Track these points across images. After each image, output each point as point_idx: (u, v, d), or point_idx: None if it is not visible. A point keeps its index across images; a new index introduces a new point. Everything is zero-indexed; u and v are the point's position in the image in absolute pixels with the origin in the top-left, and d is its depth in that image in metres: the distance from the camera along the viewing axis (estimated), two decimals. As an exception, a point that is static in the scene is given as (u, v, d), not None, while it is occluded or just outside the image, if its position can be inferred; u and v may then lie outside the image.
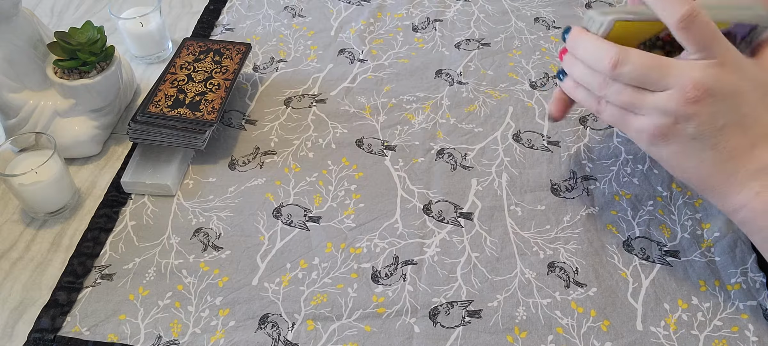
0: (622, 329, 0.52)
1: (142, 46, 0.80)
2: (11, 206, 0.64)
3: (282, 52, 0.81)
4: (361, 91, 0.75)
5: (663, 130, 0.44)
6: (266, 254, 0.59)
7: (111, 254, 0.59)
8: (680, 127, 0.43)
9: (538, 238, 0.59)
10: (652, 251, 0.57)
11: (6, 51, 0.63)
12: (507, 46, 0.80)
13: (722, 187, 0.45)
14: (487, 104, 0.72)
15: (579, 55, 0.47)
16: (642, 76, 0.43)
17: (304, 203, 0.63)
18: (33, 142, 0.62)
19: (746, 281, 0.55)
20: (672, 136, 0.44)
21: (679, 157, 0.45)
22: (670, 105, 0.43)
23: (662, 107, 0.43)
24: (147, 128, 0.64)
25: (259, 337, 0.53)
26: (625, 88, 0.45)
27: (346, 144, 0.68)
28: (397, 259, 0.58)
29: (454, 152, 0.67)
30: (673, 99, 0.43)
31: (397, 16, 0.86)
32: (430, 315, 0.54)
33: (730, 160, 0.44)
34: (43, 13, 0.89)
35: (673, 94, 0.42)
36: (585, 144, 0.67)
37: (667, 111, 0.43)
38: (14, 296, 0.56)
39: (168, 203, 0.63)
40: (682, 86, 0.42)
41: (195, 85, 0.68)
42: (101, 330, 0.53)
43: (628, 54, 0.43)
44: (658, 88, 0.43)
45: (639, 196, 0.62)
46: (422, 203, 0.62)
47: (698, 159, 0.45)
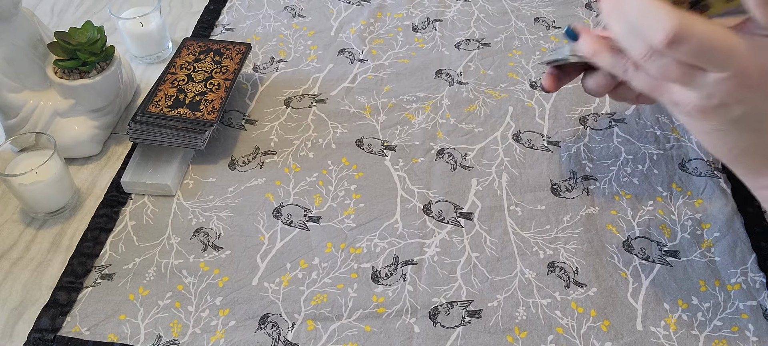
0: (622, 329, 0.52)
1: (142, 46, 0.80)
2: (11, 206, 0.64)
3: (282, 52, 0.81)
4: (361, 91, 0.75)
5: (706, 109, 0.38)
6: (266, 254, 0.59)
7: (111, 254, 0.59)
8: (725, 109, 0.38)
9: (538, 238, 0.59)
10: (652, 251, 0.57)
11: (6, 51, 0.63)
12: (507, 46, 0.80)
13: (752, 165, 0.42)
14: (487, 104, 0.72)
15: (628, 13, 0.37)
16: (702, 55, 0.36)
17: (304, 203, 0.63)
18: (33, 142, 0.62)
19: (746, 281, 0.55)
20: (715, 115, 0.39)
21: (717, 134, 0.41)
22: (722, 87, 0.37)
23: (713, 88, 0.37)
24: (147, 128, 0.64)
25: (259, 337, 0.53)
26: (673, 64, 0.37)
27: (346, 144, 0.68)
28: (397, 259, 0.58)
29: (454, 152, 0.67)
30: (729, 83, 0.36)
31: (397, 16, 0.86)
32: (430, 315, 0.54)
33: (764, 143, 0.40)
34: (43, 13, 0.89)
35: (730, 77, 0.36)
36: (585, 144, 0.67)
37: (717, 93, 0.37)
38: (14, 296, 0.56)
39: (168, 203, 0.63)
40: (744, 71, 0.36)
41: (195, 85, 0.68)
42: (101, 330, 0.53)
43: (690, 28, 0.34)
44: (716, 69, 0.36)
45: (639, 196, 0.62)
46: (422, 203, 0.62)
47: (736, 139, 0.40)
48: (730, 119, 0.39)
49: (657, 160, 0.65)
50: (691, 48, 0.35)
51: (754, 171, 0.43)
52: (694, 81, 0.37)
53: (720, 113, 0.38)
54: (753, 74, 0.36)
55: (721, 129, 0.40)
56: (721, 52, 0.35)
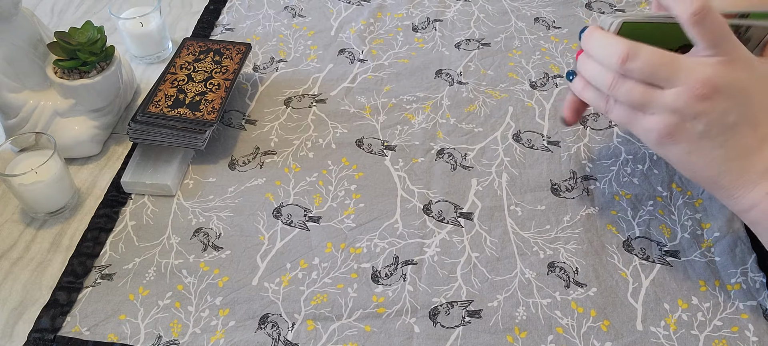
0: (622, 329, 0.52)
1: (142, 46, 0.80)
2: (11, 206, 0.64)
3: (282, 52, 0.81)
4: (361, 91, 0.75)
5: (671, 129, 0.43)
6: (266, 254, 0.59)
7: (111, 254, 0.59)
8: (689, 125, 0.43)
9: (538, 238, 0.59)
10: (652, 251, 0.57)
11: (6, 51, 0.63)
12: (507, 46, 0.80)
13: (732, 187, 0.45)
14: (487, 104, 0.72)
15: (591, 51, 0.46)
16: (652, 71, 0.43)
17: (304, 203, 0.63)
18: (33, 142, 0.62)
19: (746, 281, 0.55)
20: (681, 134, 0.44)
21: (688, 156, 0.45)
22: (678, 102, 0.42)
23: (671, 105, 0.43)
24: (147, 128, 0.64)
25: (259, 337, 0.53)
26: (635, 85, 0.44)
27: (346, 144, 0.68)
28: (397, 259, 0.58)
29: (454, 152, 0.67)
30: (682, 96, 0.42)
31: (397, 16, 0.86)
32: (430, 315, 0.54)
33: (739, 159, 0.44)
34: (43, 13, 0.89)
35: (682, 91, 0.42)
36: (585, 144, 0.67)
37: (675, 109, 0.43)
38: (14, 296, 0.56)
39: (168, 203, 0.63)
40: (691, 83, 0.42)
41: (195, 85, 0.68)
42: (101, 330, 0.53)
43: (638, 49, 0.43)
44: (668, 85, 0.43)
45: (639, 196, 0.62)
46: (422, 203, 0.62)
47: (707, 158, 0.44)
48: (696, 135, 0.43)
49: (657, 161, 0.65)
50: (642, 65, 0.43)
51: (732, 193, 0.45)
52: (655, 100, 0.43)
53: (686, 130, 0.43)
54: (702, 87, 0.41)
55: (691, 149, 0.44)
56: (666, 67, 0.42)
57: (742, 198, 0.45)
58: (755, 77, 0.43)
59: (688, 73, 0.42)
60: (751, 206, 0.45)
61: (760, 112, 0.43)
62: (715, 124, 0.43)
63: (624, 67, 0.43)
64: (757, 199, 0.44)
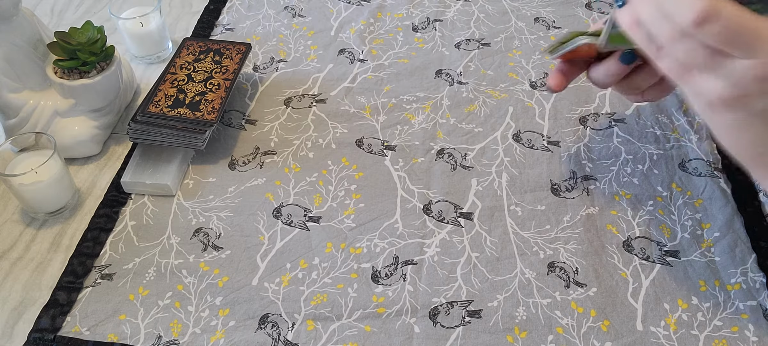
0: (622, 329, 0.52)
1: (142, 46, 0.80)
2: (11, 206, 0.64)
3: (282, 52, 0.81)
4: (361, 91, 0.75)
5: (731, 99, 0.37)
6: (266, 254, 0.59)
7: (111, 254, 0.59)
8: (750, 99, 0.37)
9: (538, 238, 0.59)
10: (652, 251, 0.57)
11: (6, 51, 0.63)
12: (507, 46, 0.80)
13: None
14: (487, 104, 0.72)
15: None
16: (730, 38, 0.35)
17: (304, 203, 0.63)
18: (33, 142, 0.62)
19: (746, 281, 0.55)
20: (737, 106, 0.38)
21: (738, 129, 0.40)
22: (750, 75, 0.36)
23: (740, 76, 0.36)
24: (147, 128, 0.64)
25: (259, 337, 0.53)
26: (700, 48, 0.36)
27: (346, 144, 0.68)
28: (397, 259, 0.58)
29: (454, 152, 0.67)
30: (757, 70, 0.36)
31: (397, 16, 0.86)
32: (430, 315, 0.54)
33: None
34: (43, 13, 0.89)
35: (758, 66, 0.35)
36: (585, 144, 0.67)
37: (744, 81, 0.36)
38: (14, 296, 0.56)
39: (168, 203, 0.63)
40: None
41: (195, 85, 0.68)
42: (101, 330, 0.53)
43: (720, 10, 0.34)
44: (744, 54, 0.36)
45: (639, 196, 0.62)
46: (422, 203, 0.62)
47: (757, 135, 0.39)
48: (754, 111, 0.38)
49: (657, 161, 0.65)
50: (720, 30, 0.35)
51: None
52: (720, 67, 0.36)
53: (743, 104, 0.37)
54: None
55: (743, 123, 0.39)
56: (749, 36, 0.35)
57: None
58: None
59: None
60: None
61: None
62: None
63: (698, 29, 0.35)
64: None
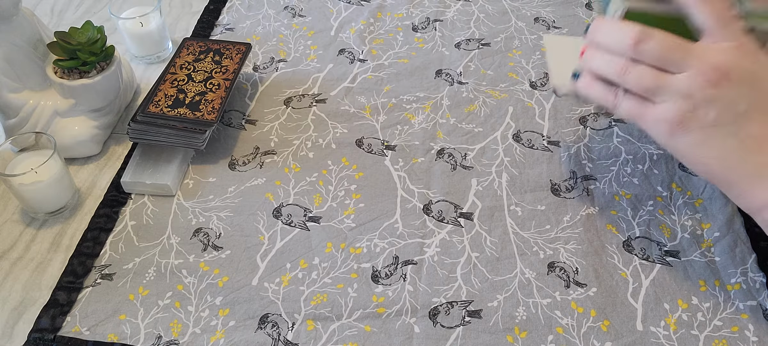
0: (622, 329, 0.52)
1: (142, 46, 0.80)
2: (11, 206, 0.64)
3: (282, 52, 0.81)
4: (361, 91, 0.75)
5: (683, 117, 0.42)
6: (266, 254, 0.59)
7: (111, 253, 0.59)
8: (701, 113, 0.42)
9: (538, 238, 0.59)
10: (652, 251, 0.57)
11: (6, 51, 0.63)
12: (507, 46, 0.80)
13: (745, 181, 0.43)
14: (487, 104, 0.72)
15: (600, 40, 0.45)
16: (664, 54, 0.42)
17: (304, 203, 0.63)
18: (33, 142, 0.62)
19: (746, 281, 0.55)
20: (692, 123, 0.42)
21: (700, 147, 0.43)
22: (691, 86, 0.41)
23: (683, 89, 0.42)
24: (147, 128, 0.64)
25: (259, 337, 0.53)
26: (646, 70, 0.43)
27: (346, 144, 0.68)
28: (397, 259, 0.58)
29: (454, 152, 0.67)
30: (694, 80, 0.41)
31: (397, 16, 0.86)
32: (430, 315, 0.54)
33: (752, 151, 0.42)
34: (43, 13, 0.89)
35: (694, 75, 0.41)
36: (585, 144, 0.67)
37: (688, 93, 0.42)
38: (14, 296, 0.56)
39: (168, 202, 0.63)
40: (704, 67, 0.41)
41: (195, 85, 0.68)
42: (101, 330, 0.53)
43: (650, 32, 0.42)
44: (680, 69, 0.42)
45: (639, 196, 0.62)
46: (422, 203, 0.62)
47: (719, 149, 0.43)
48: (708, 123, 0.42)
49: (657, 161, 0.65)
50: (654, 46, 0.42)
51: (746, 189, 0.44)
52: (666, 86, 0.42)
53: (697, 118, 0.42)
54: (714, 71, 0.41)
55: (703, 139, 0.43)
56: (678, 50, 0.42)
57: (756, 194, 0.43)
58: (762, 65, 0.42)
59: (701, 58, 0.41)
60: (763, 205, 0.43)
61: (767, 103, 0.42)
62: (727, 111, 0.41)
63: (636, 49, 0.42)
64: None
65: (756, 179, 0.43)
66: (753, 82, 0.41)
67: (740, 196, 0.45)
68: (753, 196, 0.43)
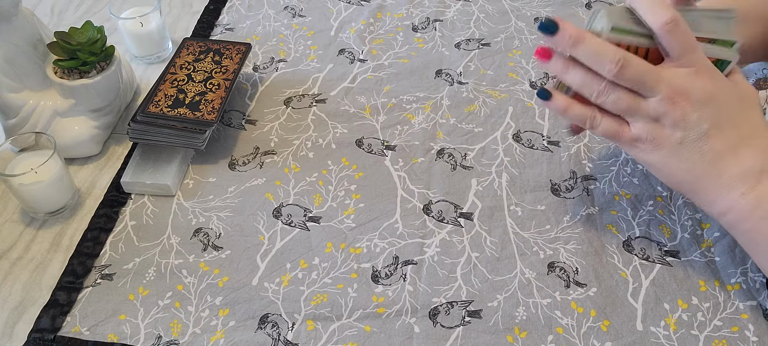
0: (622, 329, 0.52)
1: (142, 46, 0.80)
2: (11, 206, 0.64)
3: (282, 52, 0.81)
4: (361, 91, 0.75)
5: (653, 136, 0.47)
6: (266, 254, 0.59)
7: (111, 254, 0.59)
8: (668, 133, 0.46)
9: (538, 238, 0.59)
10: (652, 251, 0.57)
11: (6, 51, 0.63)
12: (507, 46, 0.80)
13: (710, 191, 0.47)
14: (487, 104, 0.72)
15: (584, 56, 0.46)
16: (640, 79, 0.45)
17: (304, 203, 0.63)
18: (33, 142, 0.62)
19: (746, 281, 0.55)
20: (661, 141, 0.47)
21: (669, 162, 0.47)
22: (659, 110, 0.46)
23: (653, 112, 0.46)
24: (147, 128, 0.64)
25: (259, 337, 0.53)
26: (623, 94, 0.46)
27: (346, 144, 0.68)
28: (397, 259, 0.58)
29: (454, 152, 0.67)
30: (661, 104, 0.45)
31: (397, 16, 0.86)
32: (430, 315, 0.54)
33: (714, 163, 0.46)
34: (43, 13, 0.89)
35: (662, 100, 0.45)
36: (585, 144, 0.67)
37: (657, 116, 0.46)
38: (14, 296, 0.56)
39: (168, 203, 0.63)
40: (669, 92, 0.45)
41: (195, 85, 0.68)
42: (101, 330, 0.53)
43: (629, 58, 0.45)
44: (651, 93, 0.46)
45: (639, 196, 0.62)
46: (422, 203, 0.62)
47: (687, 163, 0.47)
48: (675, 141, 0.46)
49: (657, 160, 0.65)
50: (635, 71, 0.45)
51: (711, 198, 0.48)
52: (639, 109, 0.46)
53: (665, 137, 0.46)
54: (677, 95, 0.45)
55: (671, 156, 0.47)
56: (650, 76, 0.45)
57: (719, 202, 0.47)
58: (721, 87, 0.46)
59: (667, 83, 0.45)
60: (727, 209, 0.47)
61: (727, 119, 0.46)
62: (691, 131, 0.46)
63: (619, 73, 0.45)
64: (732, 202, 0.46)
65: (718, 188, 0.47)
66: (712, 102, 0.46)
67: (706, 203, 0.49)
68: (716, 203, 0.48)
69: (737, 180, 0.46)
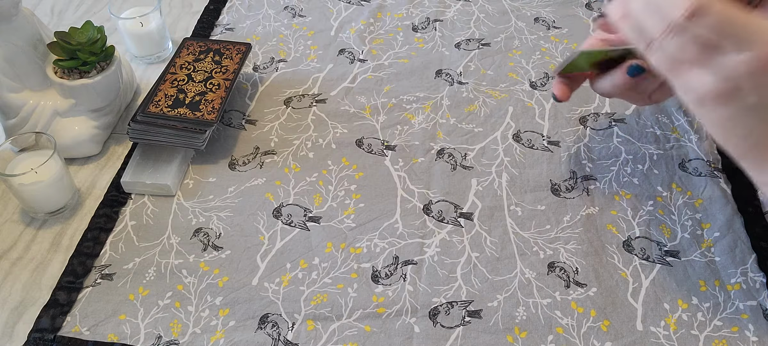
0: (622, 329, 0.52)
1: (142, 46, 0.80)
2: (11, 206, 0.64)
3: (282, 52, 0.81)
4: (361, 91, 0.75)
5: (721, 94, 0.37)
6: (266, 254, 0.59)
7: (111, 253, 0.59)
8: (742, 94, 0.37)
9: (538, 238, 0.59)
10: (652, 251, 0.57)
11: (6, 51, 0.63)
12: (507, 46, 0.80)
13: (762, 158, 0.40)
14: (487, 104, 0.72)
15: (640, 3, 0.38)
16: (721, 32, 0.36)
17: (304, 203, 0.63)
18: (33, 142, 0.62)
19: (746, 281, 0.55)
20: (729, 101, 0.38)
21: (730, 123, 0.39)
22: (742, 70, 0.36)
23: (732, 71, 0.37)
24: (147, 128, 0.64)
25: (259, 337, 0.53)
26: (691, 43, 0.37)
27: (346, 144, 0.68)
28: (397, 259, 0.58)
29: (454, 152, 0.67)
30: (749, 65, 0.36)
31: (397, 16, 0.86)
32: (430, 315, 0.54)
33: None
34: (43, 13, 0.89)
35: (750, 60, 0.36)
36: (585, 144, 0.67)
37: (736, 76, 0.37)
38: (14, 296, 0.56)
39: (168, 202, 0.63)
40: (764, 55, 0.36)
41: (195, 85, 0.68)
42: (101, 330, 0.53)
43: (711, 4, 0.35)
44: (736, 48, 0.36)
45: (639, 196, 0.62)
46: (422, 203, 0.62)
47: (748, 129, 0.39)
48: (745, 107, 0.38)
49: (657, 161, 0.65)
50: (712, 23, 0.35)
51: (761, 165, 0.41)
52: (711, 62, 0.37)
53: (735, 99, 0.37)
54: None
55: (735, 118, 0.39)
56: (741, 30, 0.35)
57: None
58: None
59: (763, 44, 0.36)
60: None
61: None
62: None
63: (686, 23, 0.36)
64: None
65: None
66: None
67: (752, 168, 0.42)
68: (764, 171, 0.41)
69: None
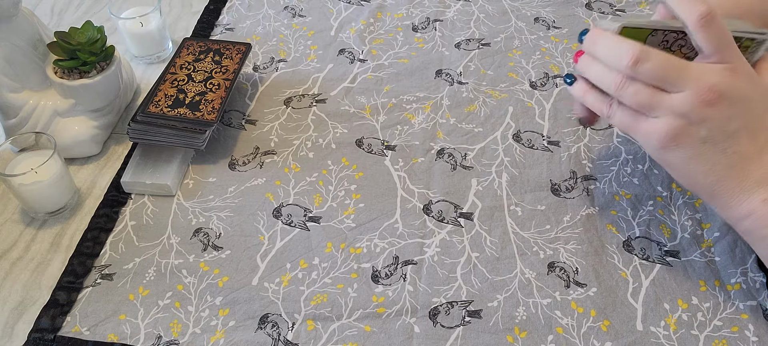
0: (622, 329, 0.52)
1: (142, 46, 0.80)
2: (11, 206, 0.64)
3: (282, 52, 0.81)
4: (361, 91, 0.75)
5: (676, 133, 0.44)
6: (266, 253, 0.59)
7: (111, 253, 0.59)
8: (693, 130, 0.44)
9: (538, 238, 0.59)
10: (652, 251, 0.57)
11: (6, 51, 0.63)
12: (507, 46, 0.80)
13: (729, 194, 0.45)
14: (487, 104, 0.72)
15: (598, 54, 0.46)
16: (662, 74, 0.43)
17: (304, 203, 0.63)
18: (33, 142, 0.62)
19: (746, 281, 0.55)
20: (684, 139, 0.44)
21: (689, 162, 0.45)
22: (685, 106, 0.43)
23: (678, 108, 0.43)
24: (147, 128, 0.64)
25: (259, 337, 0.53)
26: (642, 88, 0.44)
27: (346, 144, 0.68)
28: (397, 259, 0.58)
29: (454, 152, 0.67)
30: (688, 100, 0.43)
31: (397, 16, 0.86)
32: (430, 315, 0.54)
33: (738, 166, 0.44)
34: (43, 13, 0.89)
35: (690, 95, 0.43)
36: (585, 144, 0.67)
37: (682, 112, 0.43)
38: (14, 296, 0.56)
39: (168, 202, 0.63)
40: (700, 88, 0.42)
41: (195, 85, 0.68)
42: (101, 330, 0.53)
43: (649, 52, 0.43)
44: (675, 88, 0.43)
45: (639, 196, 0.62)
46: (422, 203, 0.62)
47: (708, 164, 0.45)
48: (699, 140, 0.44)
49: (657, 160, 0.65)
50: (653, 66, 0.43)
51: (729, 201, 0.46)
52: (661, 104, 0.44)
53: (689, 134, 0.44)
54: (709, 92, 0.42)
55: (693, 155, 0.44)
56: (675, 70, 0.43)
57: (738, 206, 0.45)
58: (756, 88, 0.44)
59: (697, 79, 0.43)
60: (747, 214, 0.45)
61: (759, 122, 0.44)
62: (718, 131, 0.43)
63: (634, 69, 0.43)
64: (753, 207, 0.45)
65: (739, 192, 0.45)
66: (745, 103, 0.43)
67: (723, 207, 0.47)
68: (735, 207, 0.46)
69: (759, 185, 0.44)
